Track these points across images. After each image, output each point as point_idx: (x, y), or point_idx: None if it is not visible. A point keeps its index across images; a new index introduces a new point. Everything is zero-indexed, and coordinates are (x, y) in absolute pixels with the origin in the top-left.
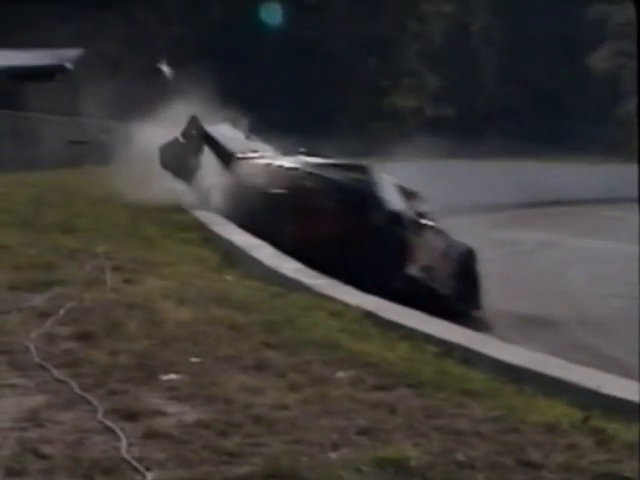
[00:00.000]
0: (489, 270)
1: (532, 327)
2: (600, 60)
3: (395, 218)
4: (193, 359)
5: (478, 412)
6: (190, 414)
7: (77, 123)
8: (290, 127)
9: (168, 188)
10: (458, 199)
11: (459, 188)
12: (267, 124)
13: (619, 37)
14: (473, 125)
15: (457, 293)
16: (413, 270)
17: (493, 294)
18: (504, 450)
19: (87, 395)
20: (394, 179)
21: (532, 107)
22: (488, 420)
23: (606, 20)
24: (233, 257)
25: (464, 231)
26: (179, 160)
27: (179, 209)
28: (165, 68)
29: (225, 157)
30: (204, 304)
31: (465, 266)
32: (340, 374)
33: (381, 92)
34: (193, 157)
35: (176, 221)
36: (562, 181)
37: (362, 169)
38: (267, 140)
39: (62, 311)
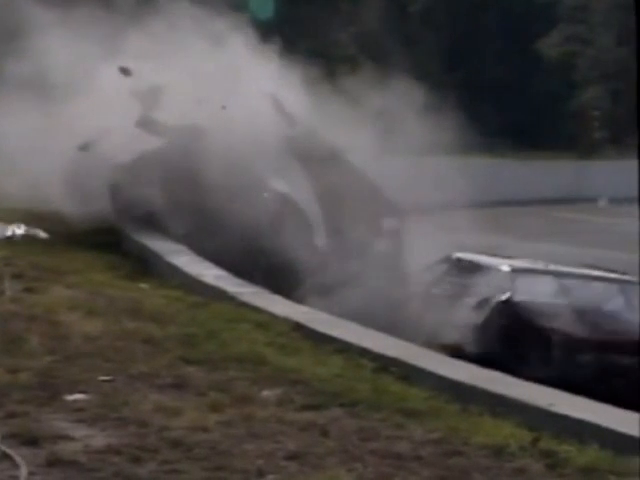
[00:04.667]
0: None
1: None
2: (551, 46)
3: None
4: (102, 377)
5: (418, 434)
6: (99, 438)
7: None
8: None
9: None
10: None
11: (396, 187)
12: None
13: (571, 21)
14: (415, 117)
15: None
16: None
17: None
18: (447, 475)
19: None
20: None
21: (478, 97)
22: (429, 442)
23: (557, 3)
24: (148, 263)
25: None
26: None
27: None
28: None
29: None
30: (115, 316)
31: None
32: (266, 393)
33: (311, 81)
34: None
35: (83, 223)
36: (511, 179)
37: None
38: None
39: None
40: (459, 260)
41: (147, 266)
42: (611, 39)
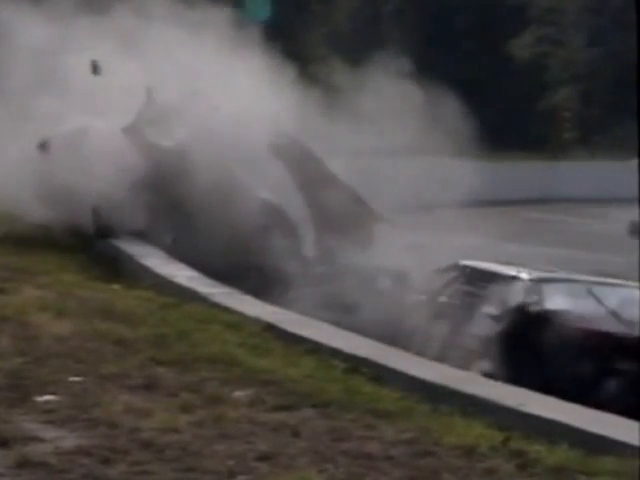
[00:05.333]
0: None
1: None
2: (522, 47)
3: None
4: (73, 378)
5: (389, 434)
6: (69, 440)
7: None
8: None
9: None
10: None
11: (369, 189)
12: None
13: (543, 23)
14: (386, 118)
15: None
16: None
17: None
18: (417, 476)
19: None
20: None
21: (451, 98)
22: (400, 443)
23: (528, 5)
24: (120, 264)
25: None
26: None
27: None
28: None
29: None
30: (86, 316)
31: None
32: (238, 393)
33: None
34: None
35: (55, 224)
36: (482, 179)
37: None
38: None
39: None
40: (466, 268)
41: (119, 267)
42: (582, 40)
